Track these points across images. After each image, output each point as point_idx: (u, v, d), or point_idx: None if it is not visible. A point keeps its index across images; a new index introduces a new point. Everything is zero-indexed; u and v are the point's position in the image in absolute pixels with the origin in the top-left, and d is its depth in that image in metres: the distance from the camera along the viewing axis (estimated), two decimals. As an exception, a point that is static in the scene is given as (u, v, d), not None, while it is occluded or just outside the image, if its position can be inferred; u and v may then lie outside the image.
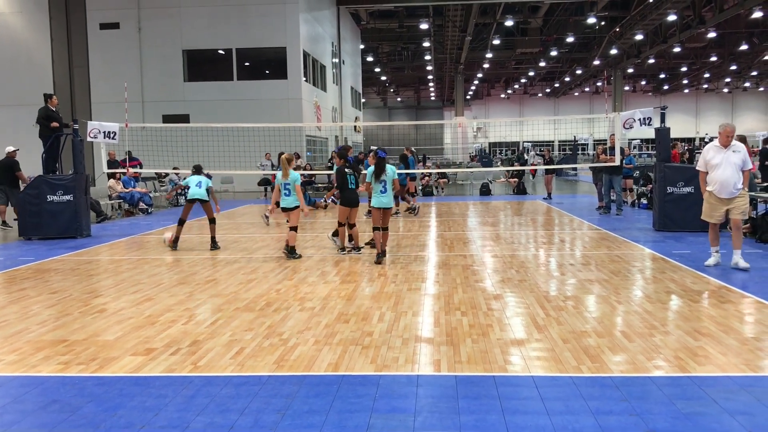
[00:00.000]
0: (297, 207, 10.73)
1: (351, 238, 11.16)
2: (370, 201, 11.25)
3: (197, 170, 11.89)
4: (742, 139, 14.55)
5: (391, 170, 10.44)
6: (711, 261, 9.29)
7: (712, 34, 44.67)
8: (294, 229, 10.73)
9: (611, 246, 11.46)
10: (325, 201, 19.37)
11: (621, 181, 16.91)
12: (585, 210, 17.73)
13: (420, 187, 24.85)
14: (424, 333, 6.16)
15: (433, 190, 25.32)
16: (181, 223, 11.83)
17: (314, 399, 4.58)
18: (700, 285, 8.06)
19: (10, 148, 15.38)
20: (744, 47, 50.26)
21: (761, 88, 75.28)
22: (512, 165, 31.93)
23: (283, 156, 10.88)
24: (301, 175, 20.36)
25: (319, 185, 26.23)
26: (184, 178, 12.10)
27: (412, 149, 22.28)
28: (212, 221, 11.84)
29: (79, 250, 12.10)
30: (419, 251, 11.23)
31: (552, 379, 4.91)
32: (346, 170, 10.91)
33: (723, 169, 8.97)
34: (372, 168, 10.46)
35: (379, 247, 10.27)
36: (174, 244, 11.77)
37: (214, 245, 11.73)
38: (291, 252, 10.66)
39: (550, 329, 6.19)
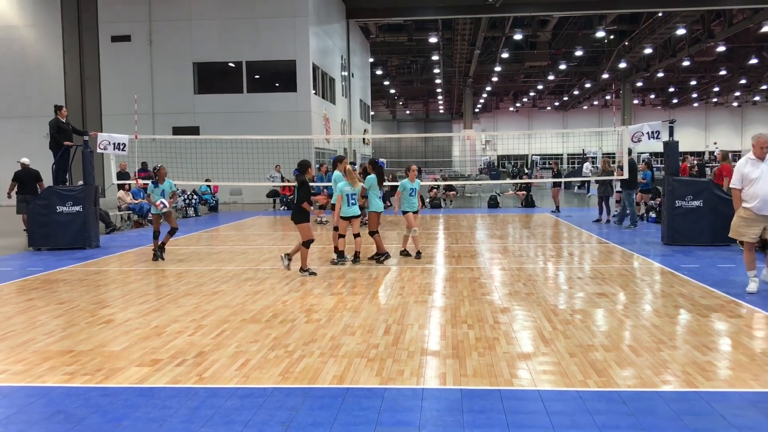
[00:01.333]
0: (359, 215, 11.22)
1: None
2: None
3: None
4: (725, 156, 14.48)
5: (416, 183, 11.83)
6: (752, 287, 8.27)
7: (721, 48, 44.72)
8: (358, 235, 11.26)
9: (619, 260, 11.41)
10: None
11: (632, 194, 16.92)
12: (593, 223, 17.67)
13: (428, 200, 24.88)
14: (430, 346, 6.14)
15: (441, 203, 25.33)
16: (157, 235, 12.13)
17: (319, 411, 4.56)
18: (709, 299, 8.00)
19: (26, 160, 15.44)
20: (754, 61, 50.16)
21: (771, 102, 75.04)
22: (513, 177, 32.03)
23: (348, 167, 11.16)
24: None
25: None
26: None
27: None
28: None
29: (87, 260, 12.15)
30: (426, 263, 11.21)
31: (558, 393, 4.88)
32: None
33: (764, 183, 8.05)
34: (374, 176, 11.42)
35: (382, 247, 11.36)
36: (161, 251, 11.95)
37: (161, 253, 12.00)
38: (340, 256, 11.22)
39: (557, 343, 6.16)
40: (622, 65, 50.07)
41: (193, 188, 23.23)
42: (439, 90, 65.54)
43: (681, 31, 39.96)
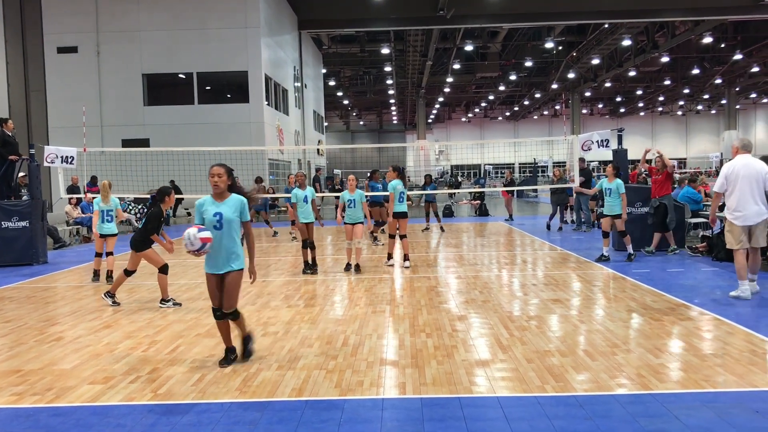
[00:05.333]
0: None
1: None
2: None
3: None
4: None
5: (357, 194, 11.59)
6: None
7: (665, 59, 46.04)
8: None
9: (572, 266, 11.60)
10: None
11: (588, 201, 17.37)
12: (546, 231, 17.93)
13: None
14: (389, 356, 6.13)
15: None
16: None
17: (278, 425, 4.50)
18: (660, 303, 8.19)
19: None
20: (696, 71, 51.80)
21: (713, 111, 77.53)
22: (450, 187, 32.60)
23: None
24: (262, 199, 20.23)
25: (282, 208, 26.14)
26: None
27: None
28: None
29: (34, 277, 11.80)
30: (383, 273, 11.21)
31: (517, 399, 4.91)
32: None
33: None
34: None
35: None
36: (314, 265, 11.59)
37: None
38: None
39: (514, 349, 6.21)
40: (571, 75, 51.10)
41: (143, 202, 22.80)
42: (392, 101, 65.83)
43: (627, 42, 41.01)
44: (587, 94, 64.39)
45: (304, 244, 11.47)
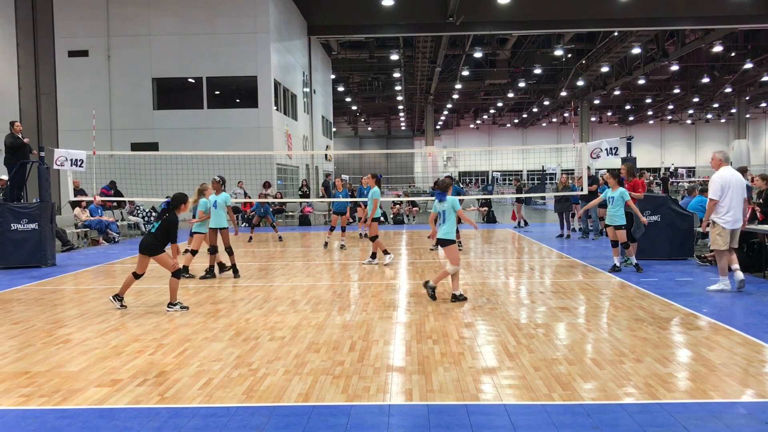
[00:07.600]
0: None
1: None
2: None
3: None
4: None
5: (453, 200, 9.45)
6: None
7: (675, 67, 45.97)
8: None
9: (580, 274, 11.56)
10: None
11: (596, 209, 17.31)
12: (554, 238, 17.90)
13: (391, 216, 25.09)
14: (395, 362, 6.12)
15: (404, 219, 25.42)
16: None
17: (284, 430, 4.50)
18: (668, 312, 8.15)
19: (3, 177, 15.05)
20: (705, 80, 51.68)
21: (723, 120, 77.28)
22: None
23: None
24: (271, 204, 20.29)
25: (290, 213, 26.21)
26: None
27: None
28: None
29: (43, 279, 11.84)
30: (390, 279, 11.20)
31: (524, 407, 4.89)
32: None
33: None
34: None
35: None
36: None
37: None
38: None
39: (522, 357, 6.19)
40: (580, 83, 51.08)
41: (152, 205, 22.89)
42: (400, 107, 65.94)
43: (636, 51, 41.01)
44: (596, 101, 64.33)
45: (210, 249, 11.84)
